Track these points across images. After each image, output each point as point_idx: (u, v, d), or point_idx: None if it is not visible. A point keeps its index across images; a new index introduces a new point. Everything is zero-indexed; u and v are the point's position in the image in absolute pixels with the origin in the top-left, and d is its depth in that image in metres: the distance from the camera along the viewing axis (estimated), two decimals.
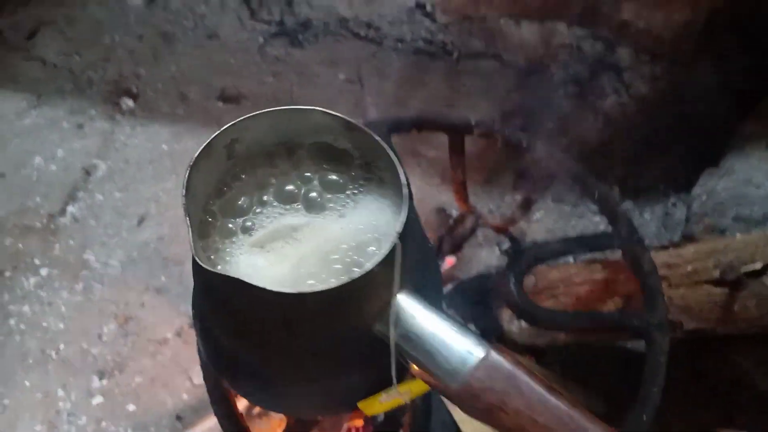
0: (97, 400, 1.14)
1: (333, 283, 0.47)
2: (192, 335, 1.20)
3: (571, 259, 1.17)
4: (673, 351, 1.08)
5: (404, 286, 0.52)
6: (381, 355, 0.52)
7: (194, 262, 0.49)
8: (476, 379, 0.48)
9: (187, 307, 1.09)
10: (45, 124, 1.53)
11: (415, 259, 0.55)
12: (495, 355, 0.49)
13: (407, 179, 0.53)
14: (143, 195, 1.40)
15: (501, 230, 1.31)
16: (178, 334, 1.20)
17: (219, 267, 0.53)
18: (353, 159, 0.59)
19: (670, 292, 0.90)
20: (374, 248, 0.54)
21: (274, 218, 0.57)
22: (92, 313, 1.24)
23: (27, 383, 1.17)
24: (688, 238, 1.09)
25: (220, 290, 0.52)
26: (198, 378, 1.14)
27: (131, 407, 1.13)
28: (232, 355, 0.60)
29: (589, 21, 1.51)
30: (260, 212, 0.58)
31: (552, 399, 0.48)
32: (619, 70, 1.49)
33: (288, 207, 0.58)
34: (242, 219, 0.58)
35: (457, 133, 1.00)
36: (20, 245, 1.34)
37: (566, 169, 0.94)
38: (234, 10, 1.71)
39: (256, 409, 1.07)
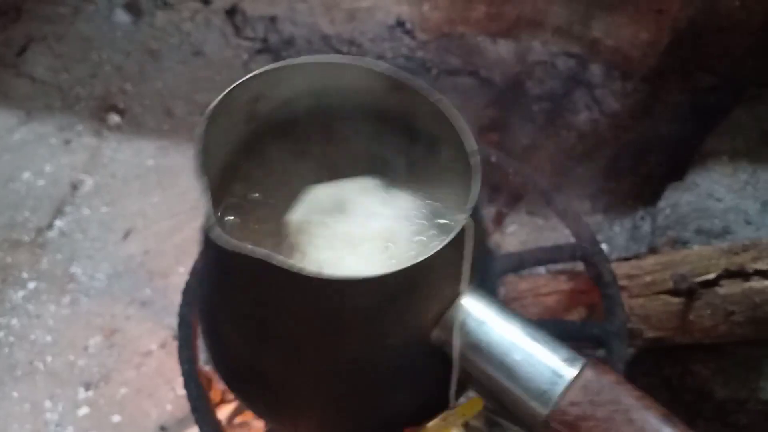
0: (84, 411, 1.18)
1: (390, 267, 0.36)
2: (176, 347, 1.24)
3: (542, 270, 1.22)
4: (639, 360, 1.14)
5: (472, 282, 0.41)
6: (439, 370, 0.42)
7: (206, 240, 0.37)
8: (571, 403, 0.38)
9: (172, 320, 1.13)
10: (34, 140, 1.56)
11: (481, 250, 0.43)
12: (595, 373, 0.39)
13: (476, 146, 0.42)
14: (129, 209, 1.44)
15: None
16: (162, 346, 1.24)
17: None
18: (400, 128, 0.47)
19: (631, 302, 0.95)
20: (435, 233, 0.43)
21: (305, 200, 0.45)
22: (79, 325, 1.27)
23: (15, 394, 1.20)
24: (652, 251, 1.14)
25: (240, 276, 0.41)
26: (181, 389, 1.17)
27: (116, 418, 1.16)
28: (250, 363, 0.47)
29: (563, 39, 1.57)
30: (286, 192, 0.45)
31: (670, 428, 0.39)
32: (591, 87, 1.55)
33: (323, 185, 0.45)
34: (263, 196, 0.46)
35: None
36: (9, 259, 1.37)
37: (533, 185, 0.98)
38: (219, 28, 1.75)
39: (237, 419, 1.11)
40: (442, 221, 0.43)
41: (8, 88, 1.65)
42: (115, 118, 1.59)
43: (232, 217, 0.48)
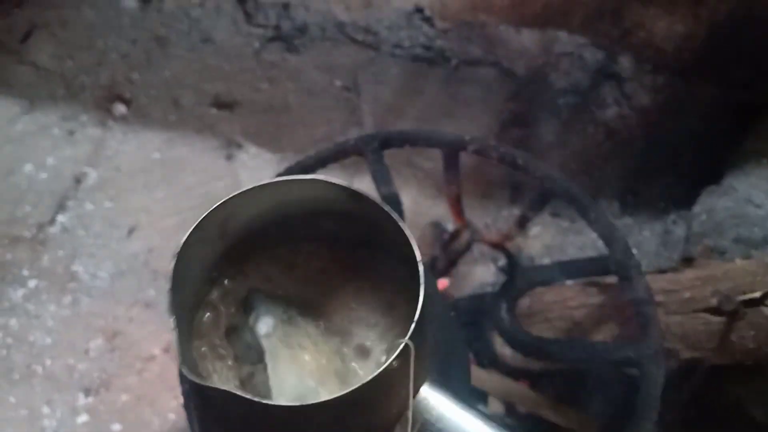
0: (83, 418, 1.12)
1: (340, 391, 0.42)
2: None
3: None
4: (670, 374, 1.06)
5: (427, 380, 0.47)
6: None
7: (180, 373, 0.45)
8: None
9: None
10: (36, 131, 1.50)
11: (436, 343, 0.50)
12: None
13: (420, 257, 0.47)
14: (134, 205, 1.38)
15: (497, 246, 1.29)
16: (166, 350, 1.18)
17: (215, 377, 0.49)
18: (356, 230, 0.53)
19: (667, 319, 0.88)
20: (397, 337, 0.49)
21: (275, 321, 0.53)
22: (79, 327, 1.22)
23: (12, 399, 1.15)
24: (686, 260, 1.06)
25: (215, 402, 0.47)
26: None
27: (116, 426, 1.11)
28: None
29: (591, 29, 1.48)
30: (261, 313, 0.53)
31: None
32: (621, 80, 1.46)
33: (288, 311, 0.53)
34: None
35: (451, 149, 0.98)
36: (9, 255, 1.32)
37: (563, 190, 0.91)
38: (229, 14, 1.68)
39: None
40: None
41: (10, 76, 1.59)
42: (120, 108, 1.53)
43: (208, 314, 0.54)
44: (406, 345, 0.42)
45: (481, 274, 1.25)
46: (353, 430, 0.46)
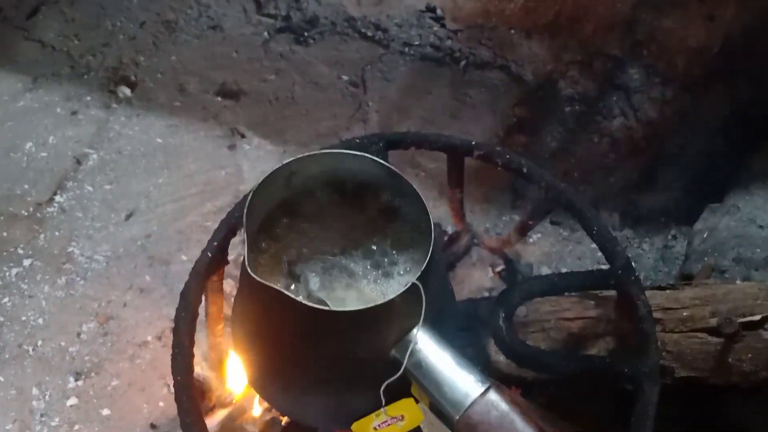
0: (72, 401, 1.12)
1: (358, 306, 0.55)
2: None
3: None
4: (666, 390, 1.06)
5: (425, 321, 0.58)
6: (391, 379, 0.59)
7: (243, 272, 0.58)
8: (474, 412, 0.54)
9: (170, 310, 1.06)
10: (39, 108, 1.49)
11: (436, 296, 0.61)
12: (494, 394, 0.56)
13: (432, 224, 0.60)
14: (134, 189, 1.37)
15: (496, 251, 1.28)
16: (159, 337, 1.17)
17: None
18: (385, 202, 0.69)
19: (664, 337, 0.87)
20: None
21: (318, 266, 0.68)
22: (73, 309, 1.21)
23: (1, 378, 1.14)
24: (686, 277, 1.06)
25: (262, 298, 0.59)
26: None
27: (106, 411, 1.11)
28: (259, 352, 0.69)
29: (602, 39, 1.47)
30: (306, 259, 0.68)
31: None
32: (629, 92, 1.46)
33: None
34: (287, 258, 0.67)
35: (456, 154, 0.97)
36: (5, 233, 1.31)
37: (566, 201, 0.90)
38: (240, 2, 1.67)
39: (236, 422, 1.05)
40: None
41: (15, 52, 1.58)
42: (125, 91, 1.52)
43: (255, 255, 0.67)
44: (415, 284, 0.55)
45: (479, 278, 1.25)
46: (362, 343, 0.59)
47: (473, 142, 0.93)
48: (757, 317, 0.81)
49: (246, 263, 0.56)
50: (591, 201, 1.16)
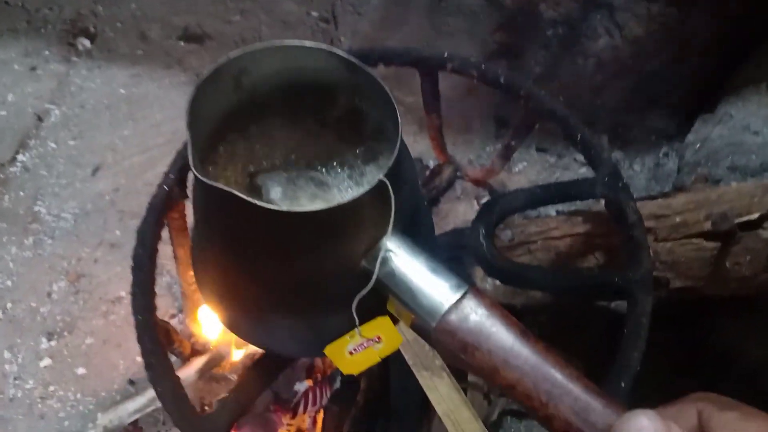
0: (46, 362, 1.07)
1: (322, 206, 0.48)
2: None
3: (553, 212, 1.09)
4: (657, 313, 1.01)
5: (395, 228, 0.53)
6: (365, 295, 0.53)
7: (195, 177, 0.49)
8: (452, 318, 0.50)
9: None
10: None
11: (407, 203, 0.57)
12: (473, 297, 0.51)
13: (400, 121, 0.53)
14: (99, 143, 1.31)
15: (480, 182, 1.22)
16: None
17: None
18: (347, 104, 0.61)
19: (657, 246, 0.83)
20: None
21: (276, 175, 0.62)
22: (42, 269, 1.16)
23: None
24: (678, 189, 1.01)
25: (214, 208, 0.54)
26: None
27: (81, 370, 1.06)
28: (221, 279, 0.63)
29: None
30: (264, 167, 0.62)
31: (524, 342, 0.49)
32: (612, 10, 1.38)
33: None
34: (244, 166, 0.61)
35: (428, 68, 0.91)
36: None
37: (548, 110, 0.84)
38: None
39: (214, 370, 1.01)
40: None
41: None
42: (85, 43, 1.44)
43: (210, 168, 0.61)
44: (383, 182, 0.49)
45: (464, 211, 1.19)
46: (329, 253, 0.52)
47: (445, 54, 0.86)
48: (755, 216, 0.76)
49: (191, 165, 0.48)
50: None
